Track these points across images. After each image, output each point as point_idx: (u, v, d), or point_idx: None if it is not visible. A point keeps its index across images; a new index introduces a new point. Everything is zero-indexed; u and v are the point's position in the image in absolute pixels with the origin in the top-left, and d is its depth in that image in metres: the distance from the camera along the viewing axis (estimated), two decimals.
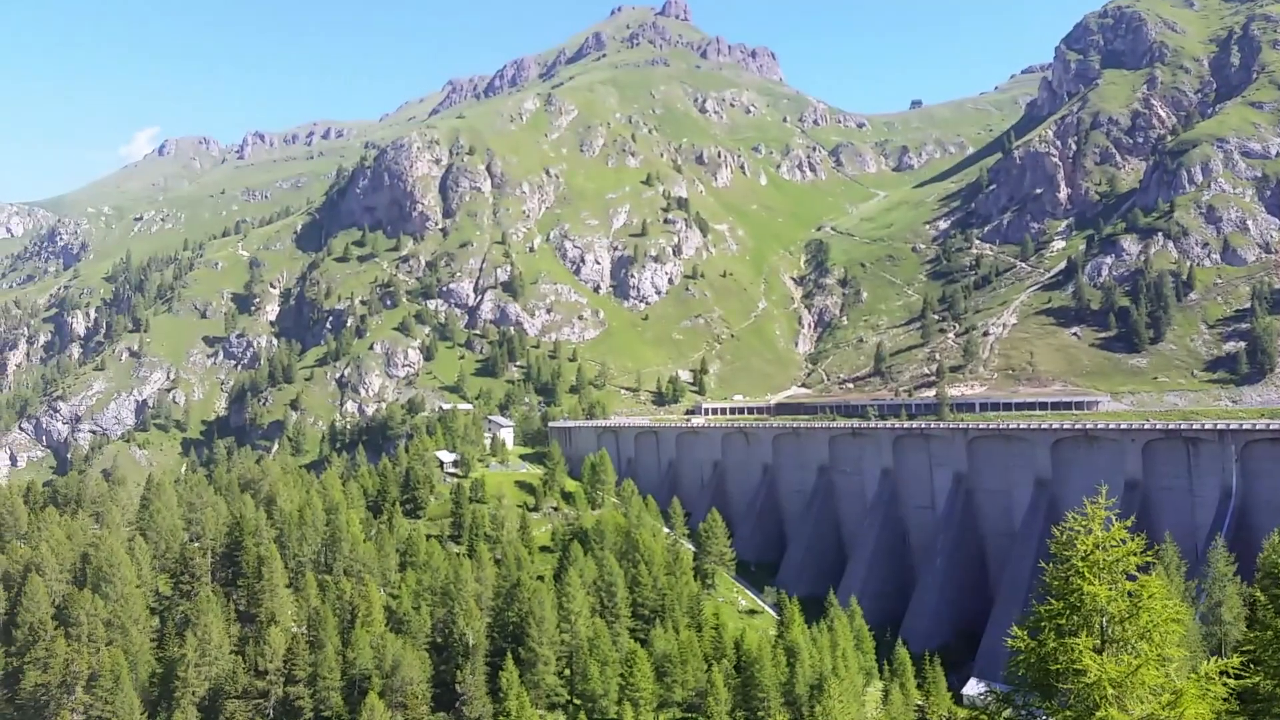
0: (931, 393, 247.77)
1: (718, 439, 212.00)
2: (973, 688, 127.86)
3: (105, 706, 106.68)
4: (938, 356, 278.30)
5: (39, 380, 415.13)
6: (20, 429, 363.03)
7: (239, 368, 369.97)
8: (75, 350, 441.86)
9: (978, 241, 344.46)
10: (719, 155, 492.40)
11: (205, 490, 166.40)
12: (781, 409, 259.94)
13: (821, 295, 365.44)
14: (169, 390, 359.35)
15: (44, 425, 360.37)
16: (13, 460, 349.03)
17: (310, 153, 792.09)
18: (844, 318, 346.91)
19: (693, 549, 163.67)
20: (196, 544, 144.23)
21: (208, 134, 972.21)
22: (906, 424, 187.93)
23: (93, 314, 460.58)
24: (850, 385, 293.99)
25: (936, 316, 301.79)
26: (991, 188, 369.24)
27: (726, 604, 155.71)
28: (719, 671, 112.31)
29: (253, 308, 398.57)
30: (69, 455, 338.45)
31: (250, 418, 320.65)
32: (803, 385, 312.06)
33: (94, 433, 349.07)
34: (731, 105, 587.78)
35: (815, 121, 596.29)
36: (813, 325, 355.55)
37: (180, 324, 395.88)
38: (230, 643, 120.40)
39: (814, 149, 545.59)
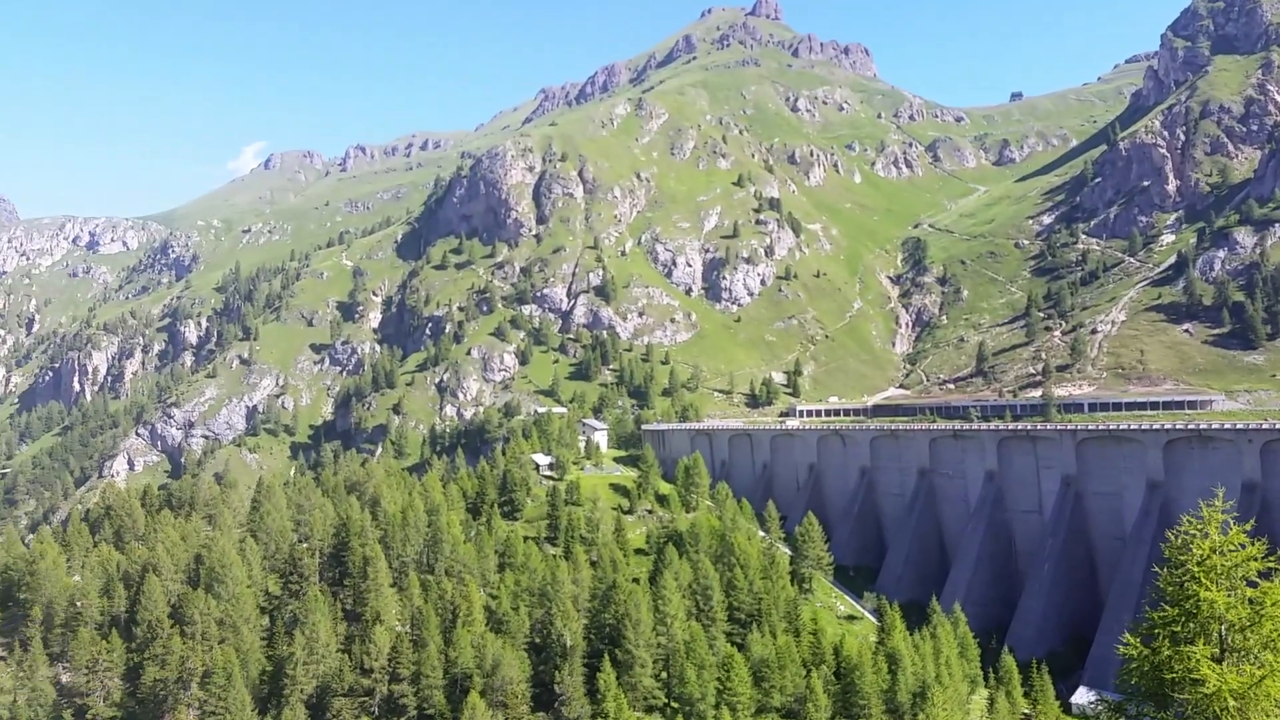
0: (1037, 393, 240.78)
1: (813, 441, 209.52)
2: (1082, 696, 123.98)
3: (218, 703, 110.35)
4: (1043, 355, 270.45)
5: (154, 388, 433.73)
6: (137, 434, 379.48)
7: (344, 374, 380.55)
8: (188, 358, 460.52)
9: (1083, 236, 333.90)
10: (811, 154, 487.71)
11: (313, 492, 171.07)
12: (879, 410, 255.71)
13: (919, 294, 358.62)
14: (278, 396, 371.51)
15: (159, 431, 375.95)
16: (130, 465, 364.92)
17: (409, 164, 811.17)
18: (943, 316, 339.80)
19: (789, 553, 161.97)
20: (305, 545, 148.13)
21: (311, 148, 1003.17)
22: (1011, 425, 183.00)
23: (204, 323, 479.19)
24: (951, 386, 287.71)
25: (1041, 314, 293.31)
26: (1097, 181, 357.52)
27: (825, 609, 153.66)
28: (818, 677, 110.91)
29: (356, 315, 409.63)
30: (183, 459, 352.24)
31: (355, 422, 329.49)
32: (901, 386, 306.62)
33: (206, 437, 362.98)
34: (824, 103, 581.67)
35: (911, 117, 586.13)
36: (910, 325, 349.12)
37: (288, 332, 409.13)
38: (337, 641, 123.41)
39: (910, 145, 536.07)
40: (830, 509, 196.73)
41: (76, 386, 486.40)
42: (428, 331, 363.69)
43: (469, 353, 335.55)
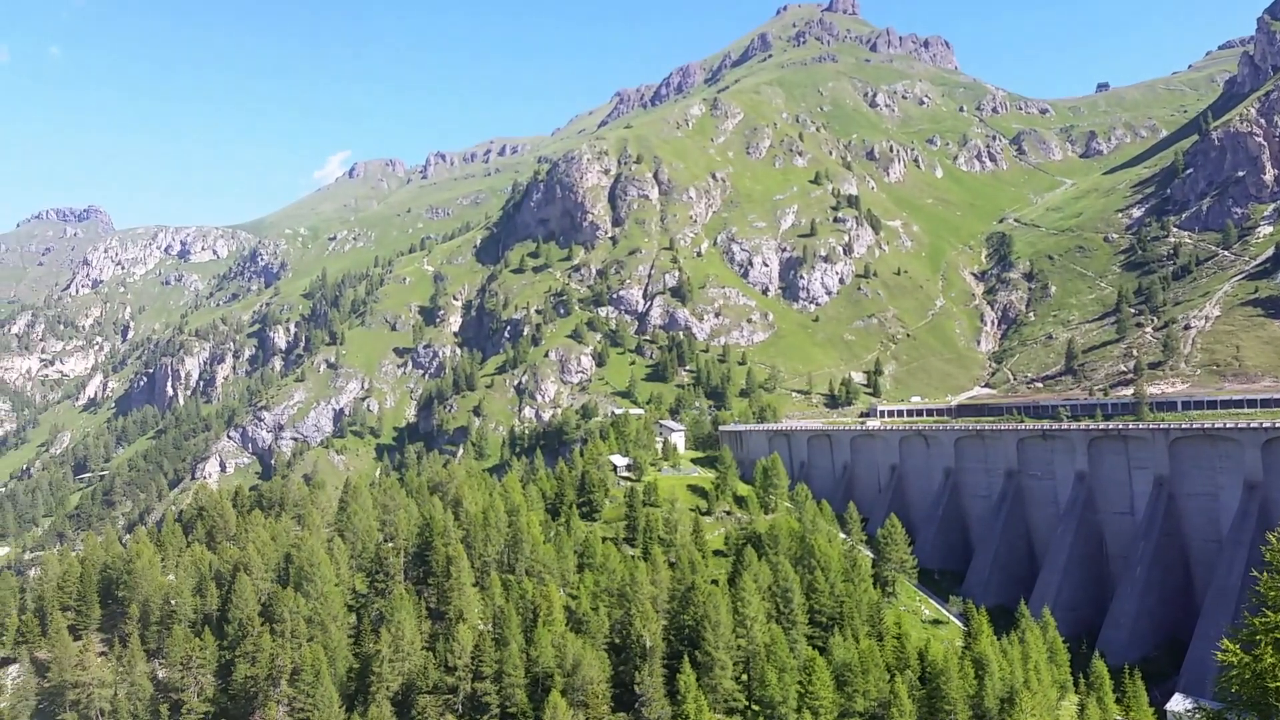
0: (1128, 391, 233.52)
1: (895, 442, 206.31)
2: (1178, 704, 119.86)
3: (307, 699, 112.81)
4: (1135, 353, 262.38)
5: (245, 391, 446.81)
6: (229, 437, 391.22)
7: (426, 376, 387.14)
8: (277, 363, 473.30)
9: (1175, 229, 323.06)
10: (891, 149, 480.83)
11: (398, 493, 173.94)
12: (964, 410, 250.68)
13: (1005, 290, 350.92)
14: (363, 399, 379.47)
15: (250, 433, 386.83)
16: (222, 466, 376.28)
17: (488, 169, 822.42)
18: (1030, 313, 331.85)
19: (871, 555, 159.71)
20: (390, 544, 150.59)
21: (394, 156, 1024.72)
22: (1102, 425, 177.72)
23: (292, 329, 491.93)
24: (1039, 384, 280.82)
25: (1132, 310, 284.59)
26: (1188, 172, 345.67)
27: (909, 613, 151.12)
28: (902, 682, 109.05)
29: (437, 319, 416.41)
30: (273, 461, 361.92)
31: (437, 424, 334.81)
32: (986, 385, 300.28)
33: (295, 440, 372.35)
34: (903, 97, 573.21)
35: (994, 109, 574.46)
36: (996, 322, 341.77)
37: (372, 336, 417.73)
38: (422, 639, 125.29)
39: (993, 138, 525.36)
40: (913, 511, 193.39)
41: (170, 391, 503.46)
42: (506, 334, 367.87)
43: (547, 355, 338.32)
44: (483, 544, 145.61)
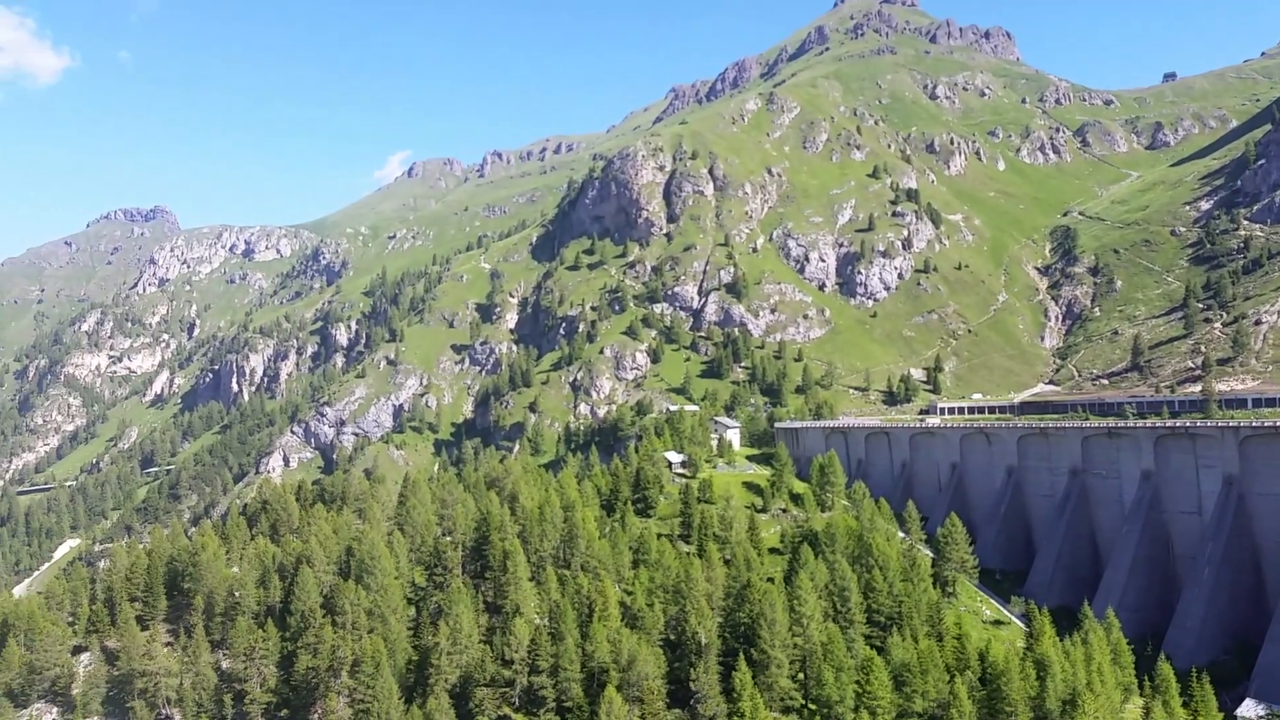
0: (1196, 388, 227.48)
1: (955, 440, 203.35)
2: (1249, 709, 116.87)
3: (367, 691, 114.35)
4: (1203, 348, 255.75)
5: (307, 388, 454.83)
6: (292, 432, 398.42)
7: (483, 373, 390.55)
8: (339, 359, 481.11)
9: (1245, 222, 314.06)
10: (951, 142, 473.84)
11: (455, 488, 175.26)
12: (1026, 408, 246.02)
13: (1070, 285, 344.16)
14: (422, 395, 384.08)
15: (312, 429, 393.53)
16: (285, 461, 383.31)
17: (543, 167, 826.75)
18: (1096, 309, 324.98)
19: (930, 555, 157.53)
20: (448, 538, 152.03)
21: (452, 155, 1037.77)
22: (1169, 422, 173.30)
23: (354, 326, 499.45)
24: (1104, 381, 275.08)
25: (1201, 305, 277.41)
26: (1260, 163, 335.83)
27: (969, 613, 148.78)
28: (962, 683, 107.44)
29: (494, 316, 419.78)
30: (334, 456, 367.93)
31: (494, 420, 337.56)
32: (1050, 382, 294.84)
33: (356, 435, 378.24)
34: (964, 89, 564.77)
35: (1057, 101, 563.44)
36: (1060, 318, 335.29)
37: (431, 333, 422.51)
38: (479, 633, 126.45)
39: (1057, 130, 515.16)
40: (974, 510, 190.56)
41: (235, 387, 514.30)
42: (562, 331, 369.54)
43: (602, 352, 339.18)
44: (539, 539, 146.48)
